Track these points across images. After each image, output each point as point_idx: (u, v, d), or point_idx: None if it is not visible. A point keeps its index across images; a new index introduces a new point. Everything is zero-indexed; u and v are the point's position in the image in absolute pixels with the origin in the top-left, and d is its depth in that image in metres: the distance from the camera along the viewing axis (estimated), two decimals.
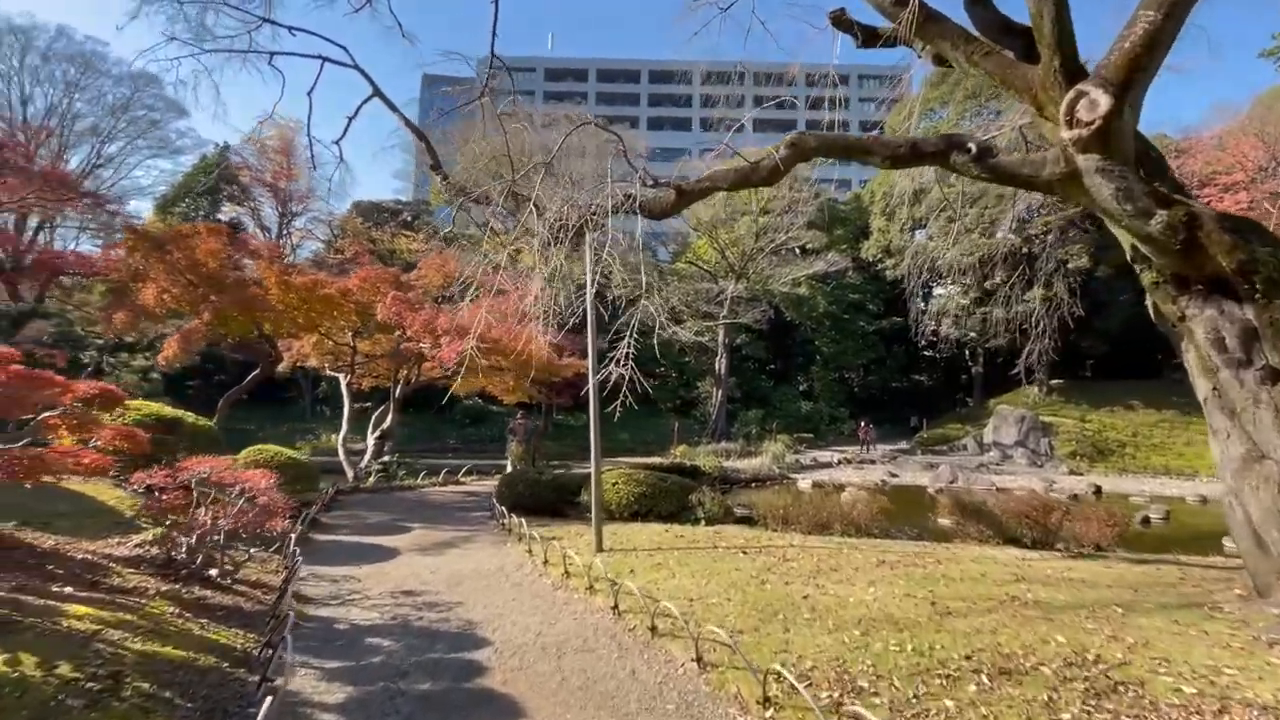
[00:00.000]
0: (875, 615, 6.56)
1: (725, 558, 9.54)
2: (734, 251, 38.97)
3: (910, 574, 8.35)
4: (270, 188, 36.57)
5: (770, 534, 12.02)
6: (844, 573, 8.56)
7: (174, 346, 15.47)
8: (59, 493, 9.28)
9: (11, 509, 7.98)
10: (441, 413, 39.70)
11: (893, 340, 45.52)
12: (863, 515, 12.62)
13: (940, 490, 26.61)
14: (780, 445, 32.37)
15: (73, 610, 5.50)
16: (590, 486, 13.97)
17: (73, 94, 33.82)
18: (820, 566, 8.90)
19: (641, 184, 9.53)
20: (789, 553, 9.82)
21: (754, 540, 10.99)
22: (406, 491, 17.83)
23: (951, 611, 6.59)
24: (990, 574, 8.34)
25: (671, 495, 14.38)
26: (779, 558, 9.47)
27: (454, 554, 10.86)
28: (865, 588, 7.69)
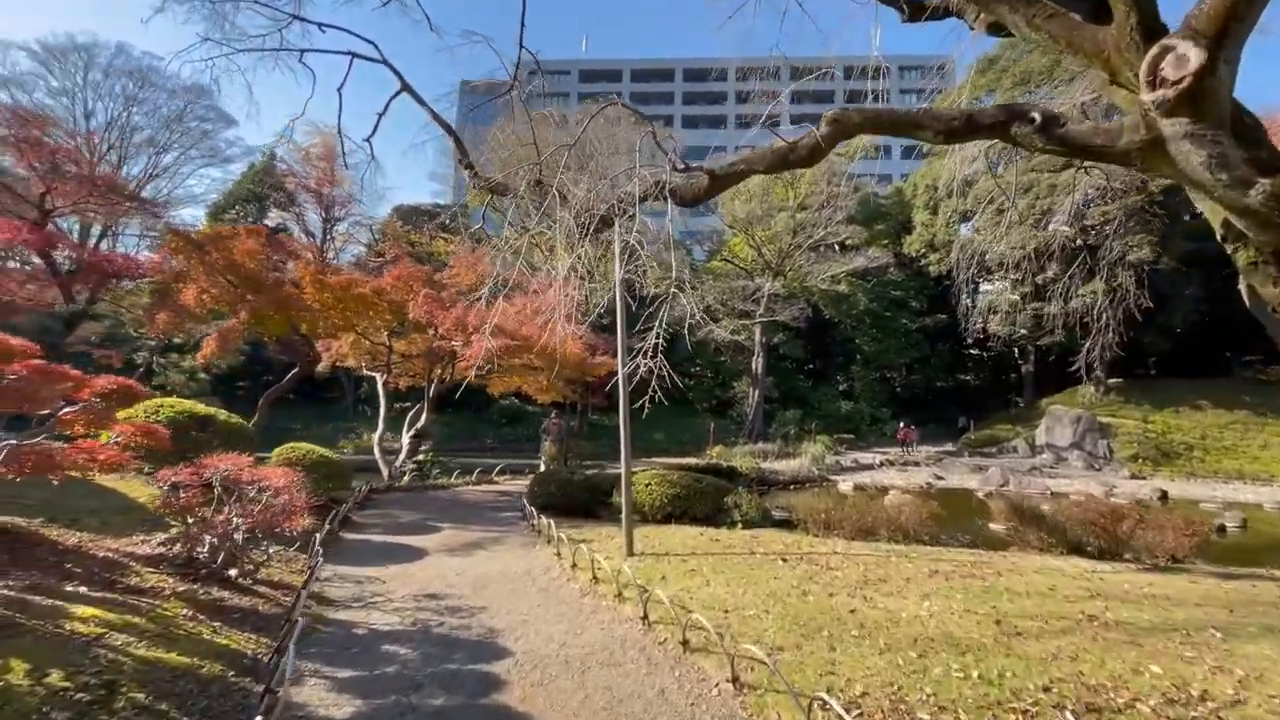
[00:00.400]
0: (932, 634, 5.87)
1: (763, 565, 8.92)
2: (770, 249, 38.04)
3: (968, 586, 7.59)
4: (314, 193, 37.19)
5: (811, 539, 11.32)
6: (893, 584, 7.84)
7: (212, 345, 15.67)
8: (90, 489, 9.27)
9: (41, 505, 7.92)
10: (479, 412, 39.95)
11: (937, 338, 43.82)
12: (911, 520, 11.79)
13: (990, 494, 25.32)
14: (820, 446, 31.34)
15: (79, 612, 5.27)
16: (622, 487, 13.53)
17: (131, 108, 35.25)
18: (867, 576, 8.20)
19: (672, 168, 8.97)
20: (832, 560, 9.13)
21: (794, 546, 10.31)
22: (440, 490, 17.67)
23: (1021, 632, 5.84)
24: (1059, 588, 7.51)
25: (706, 497, 13.77)
26: (822, 566, 8.79)
27: (481, 555, 10.50)
28: (918, 601, 6.98)
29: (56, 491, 8.47)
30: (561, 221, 8.57)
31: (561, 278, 8.77)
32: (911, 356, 43.14)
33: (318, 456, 12.46)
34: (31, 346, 6.10)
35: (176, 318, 15.30)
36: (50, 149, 14.69)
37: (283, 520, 7.12)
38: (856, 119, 8.19)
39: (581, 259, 9.05)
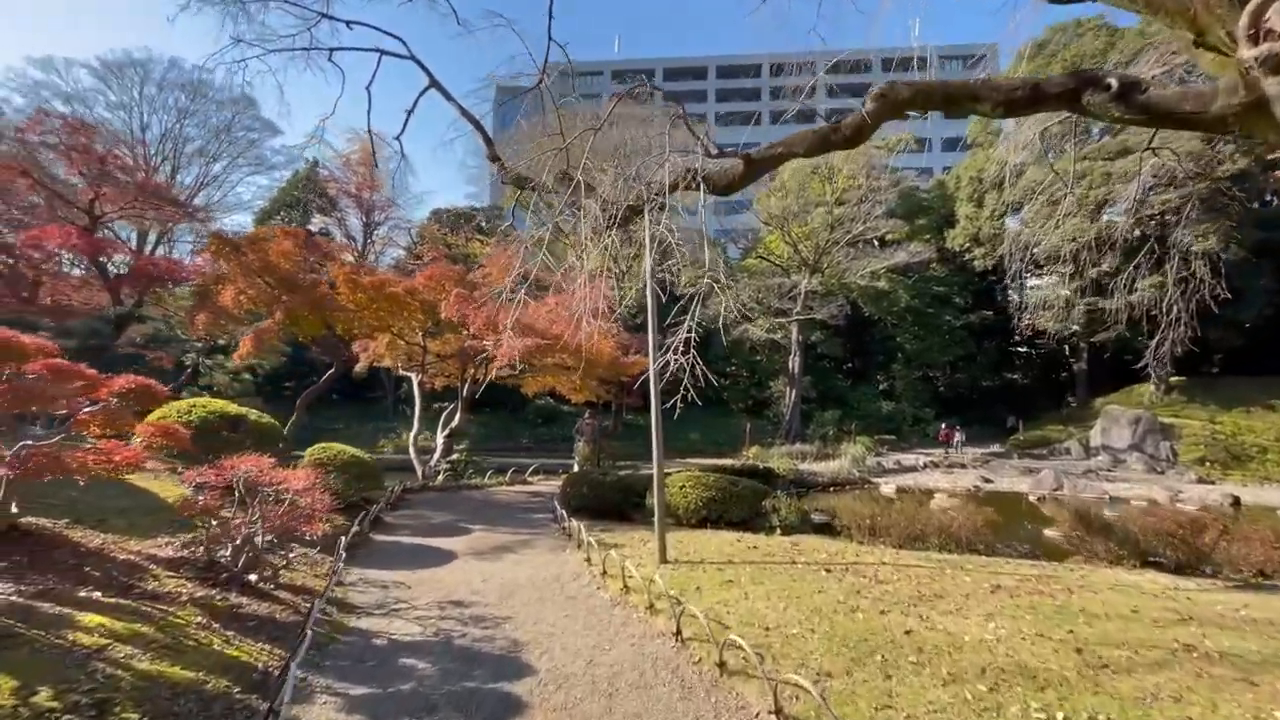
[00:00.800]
0: (1003, 662, 5.16)
1: (806, 576, 8.25)
2: (807, 245, 36.96)
3: (1036, 605, 6.80)
4: (354, 198, 37.91)
5: (856, 547, 10.57)
6: (951, 600, 7.10)
7: (248, 345, 15.79)
8: (123, 489, 9.18)
9: (70, 505, 7.81)
10: (515, 412, 39.96)
11: (983, 336, 42.00)
12: (964, 528, 10.93)
13: (1043, 498, 23.96)
14: (860, 447, 30.25)
15: (85, 620, 5.00)
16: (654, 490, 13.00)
17: (183, 120, 36.45)
18: (921, 591, 7.47)
19: (705, 153, 8.40)
20: (881, 572, 8.41)
21: (838, 555, 9.60)
22: (473, 491, 17.44)
23: (1108, 664, 5.08)
24: (1143, 610, 6.66)
25: (743, 500, 13.13)
26: (870, 578, 8.09)
27: (510, 560, 10.10)
28: (982, 622, 6.25)
29: (88, 491, 8.37)
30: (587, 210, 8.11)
31: (587, 271, 8.30)
32: (955, 355, 41.40)
33: (349, 456, 12.28)
34: (49, 345, 5.93)
35: (216, 318, 15.46)
36: (98, 156, 15.01)
37: (301, 525, 6.80)
38: (905, 93, 7.47)
39: (609, 250, 8.59)
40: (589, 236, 8.49)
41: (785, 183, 36.87)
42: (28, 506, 7.23)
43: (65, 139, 14.62)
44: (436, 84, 12.07)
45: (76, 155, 14.60)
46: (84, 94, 36.23)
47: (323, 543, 9.39)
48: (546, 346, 15.24)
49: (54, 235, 14.04)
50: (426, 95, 12.51)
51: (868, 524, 11.75)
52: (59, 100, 32.99)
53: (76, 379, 5.82)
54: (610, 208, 8.61)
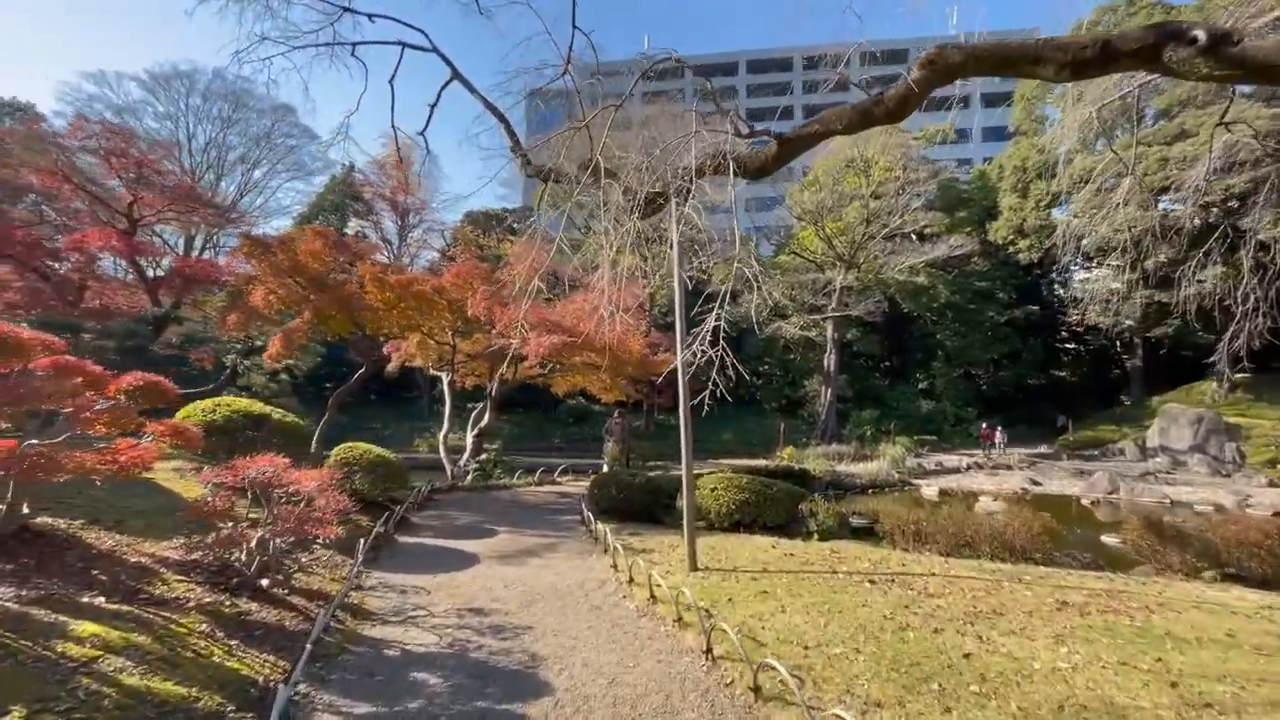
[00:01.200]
0: (1084, 697, 4.46)
1: (848, 587, 7.59)
2: (842, 240, 35.80)
3: (1113, 626, 6.02)
4: (389, 201, 38.32)
5: (901, 555, 9.81)
6: (1012, 618, 6.37)
7: (277, 345, 15.83)
8: (148, 488, 9.07)
9: (90, 505, 7.67)
10: (548, 412, 39.82)
11: (1028, 332, 40.11)
12: (1019, 536, 10.06)
13: (1096, 502, 22.60)
14: (899, 448, 29.08)
15: (79, 630, 4.71)
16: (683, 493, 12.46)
17: (227, 129, 37.42)
18: (977, 607, 6.74)
19: (735, 132, 7.81)
20: (930, 584, 7.68)
21: (882, 563, 8.88)
22: (501, 491, 17.14)
23: (1211, 703, 4.33)
24: (1239, 634, 5.83)
25: (778, 504, 12.47)
26: (919, 591, 7.38)
27: (534, 564, 9.67)
28: (1052, 645, 5.52)
29: (111, 491, 8.26)
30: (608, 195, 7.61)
31: (610, 259, 7.80)
32: (999, 352, 39.60)
33: (374, 456, 12.05)
34: (56, 341, 5.73)
35: (247, 318, 15.54)
36: (136, 159, 15.23)
37: (312, 529, 6.46)
38: (957, 58, 6.72)
39: (636, 244, 8.06)
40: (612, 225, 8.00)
41: (819, 177, 35.83)
42: (46, 507, 7.09)
43: (104, 143, 14.89)
44: (459, 76, 11.74)
45: (115, 160, 14.84)
46: (134, 106, 37.57)
47: (345, 544, 9.14)
48: (573, 344, 14.83)
49: (94, 238, 14.26)
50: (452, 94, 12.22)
51: (913, 529, 10.97)
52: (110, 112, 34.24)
53: (82, 376, 5.59)
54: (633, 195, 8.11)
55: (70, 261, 15.71)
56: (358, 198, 39.13)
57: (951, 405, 38.53)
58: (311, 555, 8.62)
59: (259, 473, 6.82)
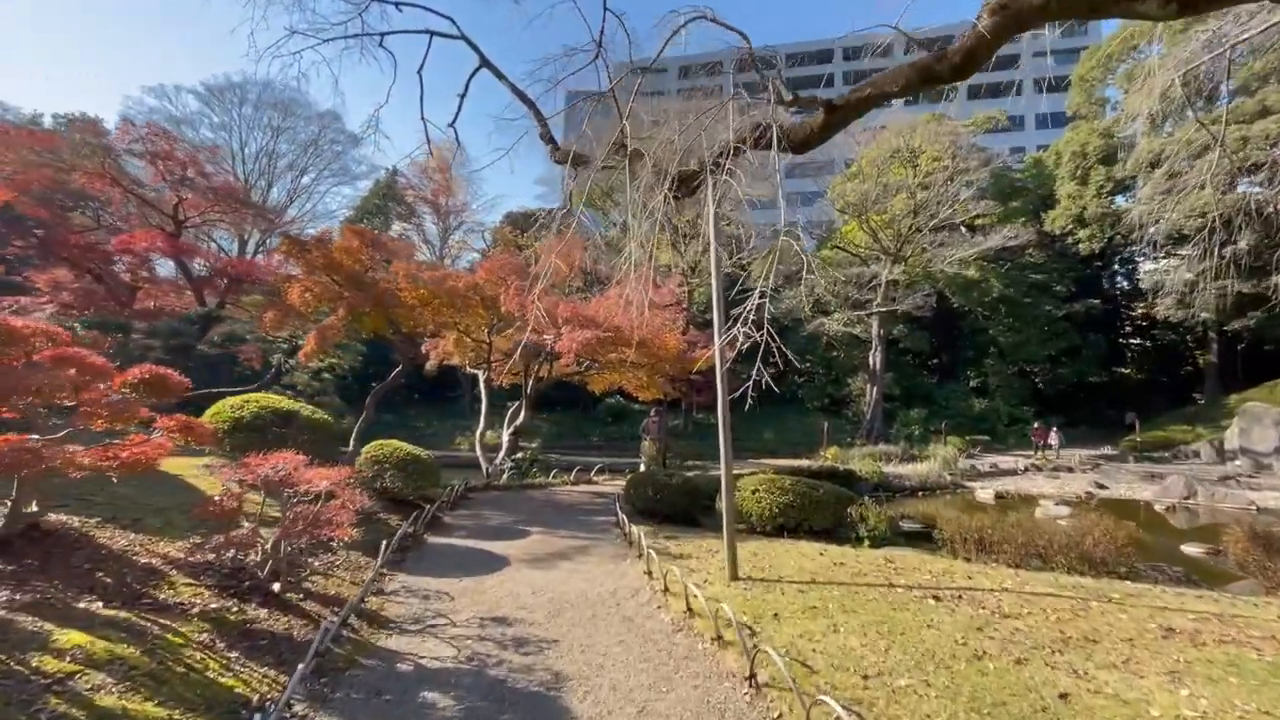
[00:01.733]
0: None
1: (909, 604, 6.72)
2: (888, 233, 34.25)
3: (1238, 661, 5.02)
4: (431, 204, 38.66)
5: (964, 566, 8.83)
6: (1110, 647, 5.42)
7: (312, 342, 15.79)
8: (174, 485, 8.87)
9: (112, 501, 7.44)
10: (586, 411, 39.47)
11: (1088, 327, 37.63)
12: (1101, 547, 8.93)
13: (1171, 508, 20.78)
14: (951, 448, 27.53)
15: (63, 640, 4.31)
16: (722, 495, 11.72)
17: (277, 136, 38.41)
18: (1065, 632, 5.80)
19: (778, 99, 7.02)
20: (1005, 602, 6.74)
21: (945, 576, 7.95)
22: (536, 490, 16.67)
23: None
24: None
25: (825, 507, 11.56)
26: (991, 610, 6.46)
27: (565, 569, 9.08)
28: (1167, 685, 4.58)
29: (135, 487, 8.04)
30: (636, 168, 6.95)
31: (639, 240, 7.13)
32: (1057, 348, 37.24)
33: (405, 454, 11.70)
34: (60, 332, 5.43)
35: (283, 316, 15.55)
36: (180, 161, 15.41)
37: (323, 531, 6.00)
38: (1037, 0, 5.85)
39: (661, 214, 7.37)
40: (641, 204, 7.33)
41: (863, 168, 34.40)
42: (64, 504, 6.85)
43: (149, 146, 15.11)
44: (487, 63, 11.28)
45: (161, 162, 15.04)
46: (191, 117, 38.94)
47: (372, 545, 8.74)
48: (607, 339, 14.24)
49: (140, 239, 14.45)
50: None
51: (975, 537, 9.93)
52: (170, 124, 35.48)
53: (84, 369, 5.27)
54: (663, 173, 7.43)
55: (123, 264, 16.01)
56: (400, 201, 39.63)
57: (1005, 404, 36.46)
58: (333, 557, 8.24)
59: (274, 470, 6.40)
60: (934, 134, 33.35)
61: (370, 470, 11.49)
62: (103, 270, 15.35)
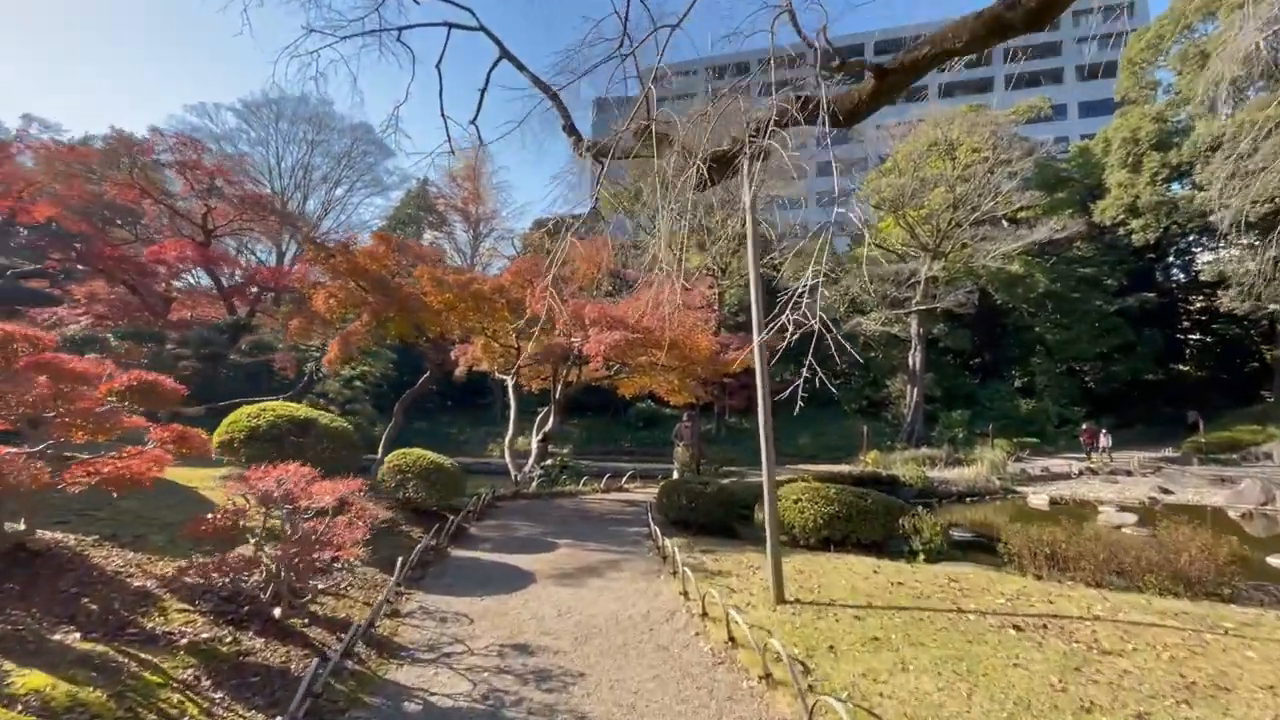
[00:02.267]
0: None
1: (986, 634, 5.79)
2: (926, 229, 32.79)
3: None
4: (461, 212, 38.67)
5: (1038, 585, 7.79)
6: (1248, 696, 4.43)
7: (335, 349, 15.49)
8: (184, 497, 8.47)
9: (116, 517, 7.02)
10: (617, 415, 38.83)
11: (1142, 322, 35.36)
12: (1198, 564, 7.80)
13: (1247, 514, 19.09)
14: (999, 452, 26.01)
15: (21, 682, 3.76)
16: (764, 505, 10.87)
17: (311, 150, 38.97)
18: (1184, 675, 4.82)
19: (822, 63, 6.20)
20: (1100, 634, 5.75)
21: (1020, 599, 6.96)
22: (565, 499, 16.02)
23: None
24: None
25: (873, 518, 10.61)
26: (1086, 644, 5.49)
27: (595, 586, 8.36)
28: None
29: (143, 501, 7.62)
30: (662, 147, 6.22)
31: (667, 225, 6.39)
32: (1109, 345, 35.07)
33: (428, 463, 11.16)
34: (42, 337, 4.97)
35: (308, 323, 15.32)
36: (208, 170, 15.35)
37: (324, 552, 5.40)
38: None
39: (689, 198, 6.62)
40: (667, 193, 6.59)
41: (898, 162, 33.05)
42: (63, 520, 6.43)
43: (176, 155, 15.07)
44: (508, 54, 10.75)
45: (189, 171, 14.98)
46: (230, 134, 39.79)
47: (390, 560, 8.16)
48: (636, 341, 13.53)
49: (171, 249, 14.37)
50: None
51: (1046, 551, 8.86)
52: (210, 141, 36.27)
53: (61, 375, 4.79)
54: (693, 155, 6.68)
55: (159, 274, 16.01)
56: (432, 209, 39.78)
57: (1054, 404, 34.48)
58: (348, 575, 7.68)
59: (277, 484, 5.85)
60: (972, 124, 31.80)
61: (393, 480, 10.99)
62: (137, 282, 15.32)
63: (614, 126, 11.00)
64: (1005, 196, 31.18)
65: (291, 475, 5.86)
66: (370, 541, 9.21)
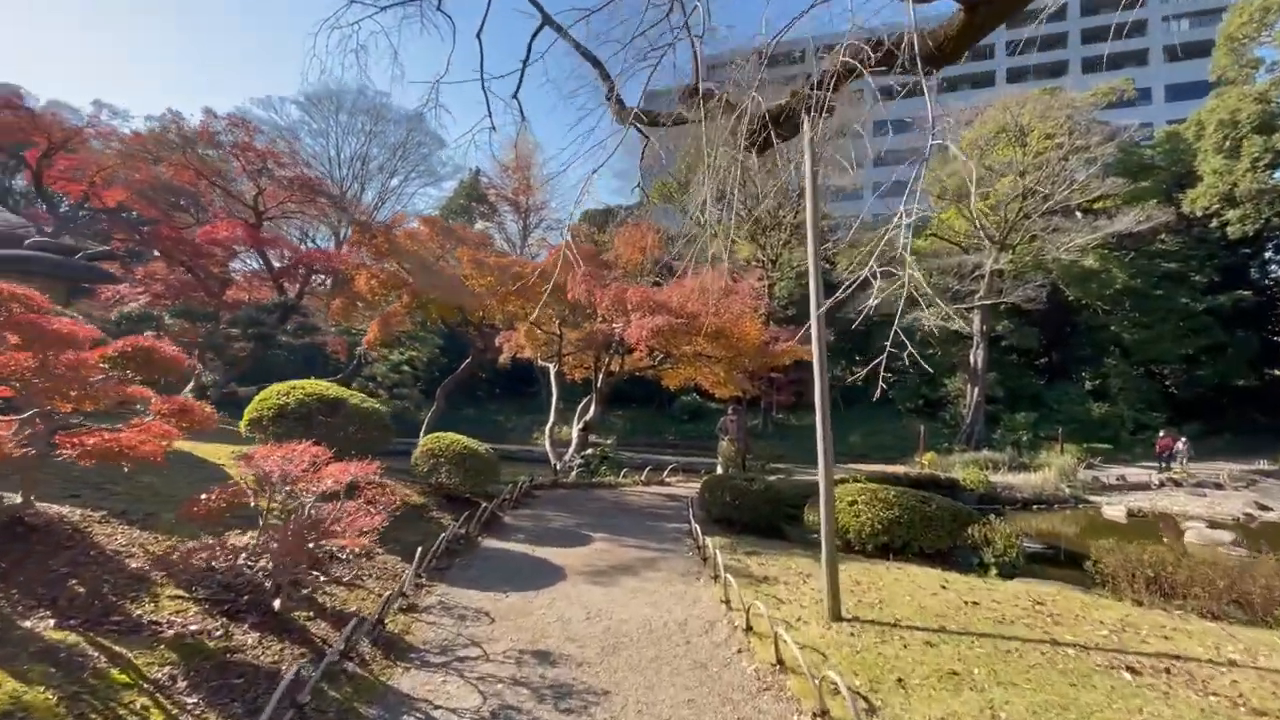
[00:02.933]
0: None
1: (1092, 677, 4.73)
2: (992, 219, 30.54)
3: None
4: (512, 203, 38.56)
5: (1143, 615, 6.57)
6: None
7: (374, 330, 15.28)
8: (202, 473, 8.15)
9: (134, 491, 6.72)
10: (661, 408, 38.04)
11: (1234, 322, 31.99)
12: None
13: None
14: (1069, 458, 23.97)
15: None
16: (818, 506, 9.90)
17: (369, 141, 39.59)
18: None
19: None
20: (1243, 684, 4.60)
21: (1127, 631, 5.80)
22: (605, 490, 15.34)
23: None
24: None
25: (938, 526, 9.48)
26: (1229, 699, 4.37)
27: (628, 586, 7.60)
28: None
29: (163, 475, 7.34)
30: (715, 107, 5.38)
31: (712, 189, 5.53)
32: (1194, 346, 31.87)
33: (462, 448, 10.65)
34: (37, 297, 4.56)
35: (349, 304, 15.16)
36: (259, 152, 15.35)
37: (324, 539, 4.81)
38: None
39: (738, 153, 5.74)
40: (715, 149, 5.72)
41: (963, 149, 30.83)
42: (74, 494, 6.12)
43: (228, 137, 15.13)
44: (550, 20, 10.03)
45: (240, 153, 15.01)
46: (293, 126, 40.81)
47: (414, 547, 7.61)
48: (680, 326, 12.66)
49: (222, 229, 14.41)
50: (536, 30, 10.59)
51: (1148, 573, 7.57)
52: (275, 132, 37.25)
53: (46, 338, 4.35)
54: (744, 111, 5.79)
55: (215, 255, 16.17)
56: (484, 200, 39.82)
57: (1130, 409, 31.62)
58: (367, 562, 7.17)
59: (284, 462, 5.32)
60: (1046, 108, 29.33)
61: (426, 464, 10.54)
62: (193, 262, 15.48)
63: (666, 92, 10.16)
64: (1082, 185, 28.66)
65: (298, 455, 5.30)
66: (397, 527, 8.76)
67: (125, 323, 13.67)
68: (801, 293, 35.81)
